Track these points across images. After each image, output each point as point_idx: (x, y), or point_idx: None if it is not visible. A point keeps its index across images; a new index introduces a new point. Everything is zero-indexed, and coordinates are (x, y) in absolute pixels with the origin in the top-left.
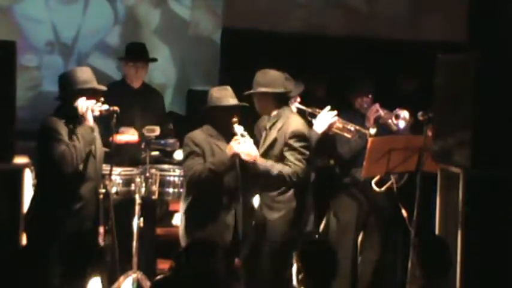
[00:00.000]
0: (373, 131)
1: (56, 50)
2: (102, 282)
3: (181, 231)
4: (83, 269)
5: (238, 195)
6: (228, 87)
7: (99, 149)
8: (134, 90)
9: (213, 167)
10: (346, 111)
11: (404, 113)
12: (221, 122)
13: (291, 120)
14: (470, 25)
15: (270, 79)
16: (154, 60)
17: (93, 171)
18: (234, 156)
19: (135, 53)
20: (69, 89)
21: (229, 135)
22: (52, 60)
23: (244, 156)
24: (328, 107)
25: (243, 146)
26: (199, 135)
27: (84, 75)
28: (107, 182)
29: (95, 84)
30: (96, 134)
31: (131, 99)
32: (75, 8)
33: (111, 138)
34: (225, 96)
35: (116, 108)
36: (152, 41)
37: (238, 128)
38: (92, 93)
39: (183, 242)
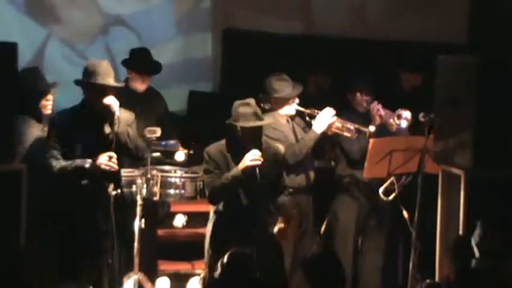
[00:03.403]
0: (372, 128)
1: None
2: (103, 283)
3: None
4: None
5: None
6: (252, 102)
7: None
8: (136, 93)
9: (226, 182)
10: (345, 109)
11: (407, 113)
12: (237, 139)
13: None
14: (471, 26)
15: None
16: (159, 69)
17: None
18: (245, 169)
19: (145, 67)
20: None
21: (243, 150)
22: (54, 61)
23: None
24: (329, 109)
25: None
26: (215, 148)
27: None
28: (108, 184)
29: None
30: None
31: (133, 101)
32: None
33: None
34: (244, 114)
35: None
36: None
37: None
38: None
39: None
